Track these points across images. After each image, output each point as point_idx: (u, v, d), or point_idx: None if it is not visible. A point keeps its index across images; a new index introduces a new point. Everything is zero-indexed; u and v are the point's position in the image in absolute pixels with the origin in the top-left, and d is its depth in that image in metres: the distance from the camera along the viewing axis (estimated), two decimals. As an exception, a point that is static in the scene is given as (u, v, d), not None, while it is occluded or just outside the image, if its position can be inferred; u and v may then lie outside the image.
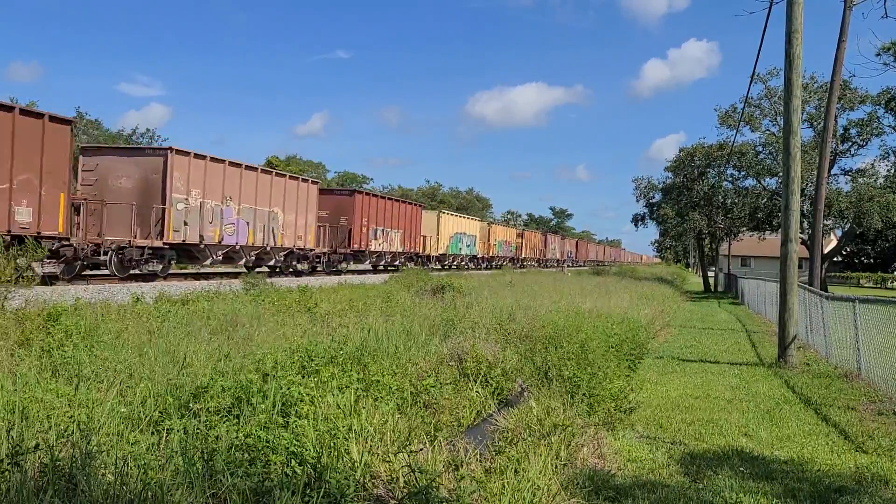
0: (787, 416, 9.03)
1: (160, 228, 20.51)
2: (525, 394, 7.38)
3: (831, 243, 49.83)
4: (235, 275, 23.40)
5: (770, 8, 16.34)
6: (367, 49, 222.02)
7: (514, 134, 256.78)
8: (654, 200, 51.23)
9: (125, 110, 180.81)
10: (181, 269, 24.53)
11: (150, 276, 20.68)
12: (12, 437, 4.19)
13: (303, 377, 5.95)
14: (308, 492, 3.99)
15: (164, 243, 20.69)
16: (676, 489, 5.71)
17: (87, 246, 18.22)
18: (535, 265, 65.65)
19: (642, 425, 8.14)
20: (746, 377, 12.09)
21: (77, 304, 10.54)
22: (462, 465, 4.90)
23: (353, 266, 34.12)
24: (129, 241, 19.45)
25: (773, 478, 6.22)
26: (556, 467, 5.48)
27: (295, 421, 4.83)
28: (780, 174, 22.13)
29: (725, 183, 45.06)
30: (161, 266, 21.13)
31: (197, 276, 23.30)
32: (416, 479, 4.24)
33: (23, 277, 11.31)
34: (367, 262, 35.02)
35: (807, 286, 18.02)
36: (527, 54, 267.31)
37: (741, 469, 6.42)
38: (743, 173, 43.14)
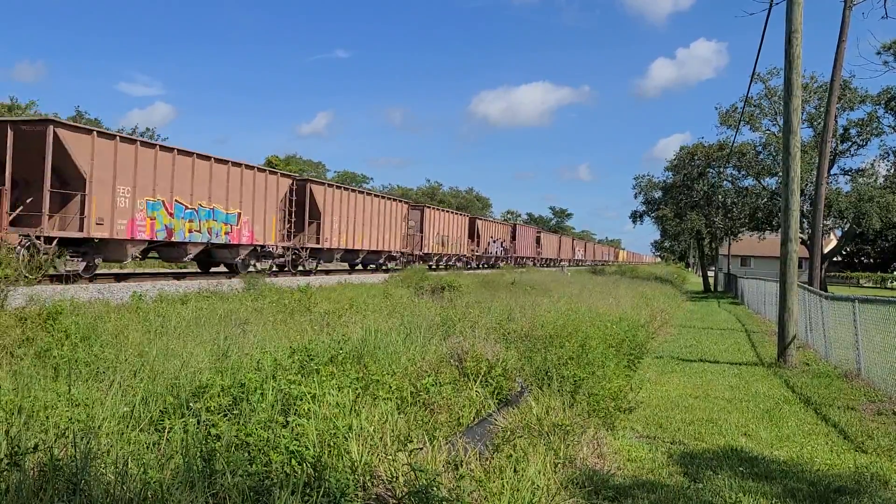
0: (786, 415, 9.03)
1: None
2: (525, 393, 7.38)
3: (831, 243, 49.82)
4: (237, 274, 23.83)
5: (770, 9, 16.32)
6: (367, 49, 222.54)
7: (518, 134, 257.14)
8: (653, 198, 51.08)
9: (128, 110, 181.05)
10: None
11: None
12: (11, 437, 4.18)
13: (302, 376, 5.94)
14: (308, 491, 3.98)
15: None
16: (676, 489, 5.71)
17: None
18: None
19: (642, 425, 8.14)
20: (746, 377, 12.09)
21: (76, 303, 10.53)
22: (462, 465, 4.89)
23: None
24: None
25: (772, 478, 6.22)
26: (555, 467, 5.48)
27: (295, 420, 4.82)
28: (780, 174, 22.10)
29: (725, 182, 45.06)
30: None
31: (195, 276, 23.50)
32: (416, 478, 4.23)
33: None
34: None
35: (806, 286, 18.02)
36: (532, 54, 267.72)
37: (741, 469, 6.42)
38: (743, 173, 43.14)
